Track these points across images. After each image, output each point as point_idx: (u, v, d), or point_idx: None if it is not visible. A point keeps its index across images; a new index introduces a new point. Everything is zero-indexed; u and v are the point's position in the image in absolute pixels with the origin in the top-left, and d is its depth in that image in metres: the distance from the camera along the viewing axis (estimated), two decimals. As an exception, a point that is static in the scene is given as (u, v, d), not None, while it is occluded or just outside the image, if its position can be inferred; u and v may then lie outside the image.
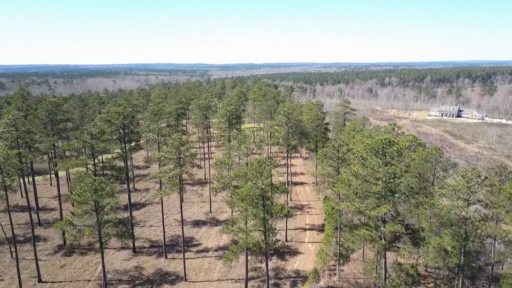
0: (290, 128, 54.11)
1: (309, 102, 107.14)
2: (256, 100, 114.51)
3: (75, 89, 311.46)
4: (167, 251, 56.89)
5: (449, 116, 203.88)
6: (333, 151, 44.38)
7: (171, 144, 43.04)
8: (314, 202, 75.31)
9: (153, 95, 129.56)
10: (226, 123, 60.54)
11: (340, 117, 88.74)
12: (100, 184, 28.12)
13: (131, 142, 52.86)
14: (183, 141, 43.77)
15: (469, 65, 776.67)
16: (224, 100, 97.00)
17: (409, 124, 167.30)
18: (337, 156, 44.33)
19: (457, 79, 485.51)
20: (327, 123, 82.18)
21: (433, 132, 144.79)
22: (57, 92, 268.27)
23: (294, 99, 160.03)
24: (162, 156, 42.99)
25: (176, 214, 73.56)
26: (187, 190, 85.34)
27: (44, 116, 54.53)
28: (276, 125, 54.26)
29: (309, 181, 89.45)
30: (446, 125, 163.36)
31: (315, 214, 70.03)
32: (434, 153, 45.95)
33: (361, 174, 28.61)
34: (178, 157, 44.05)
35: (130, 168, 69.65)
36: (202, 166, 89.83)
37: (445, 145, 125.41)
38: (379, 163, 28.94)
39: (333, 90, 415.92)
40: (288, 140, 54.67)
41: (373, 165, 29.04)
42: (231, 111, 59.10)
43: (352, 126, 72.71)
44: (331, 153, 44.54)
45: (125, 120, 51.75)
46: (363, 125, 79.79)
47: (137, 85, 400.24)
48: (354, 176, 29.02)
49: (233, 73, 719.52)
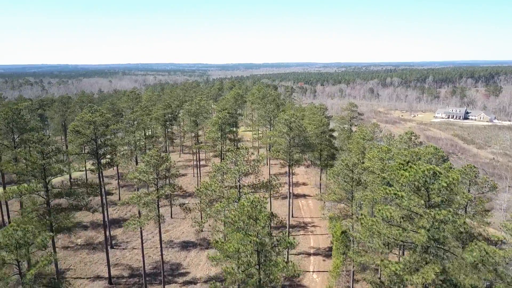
0: (292, 139, 46.06)
1: (311, 106, 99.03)
2: (254, 103, 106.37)
3: (69, 90, 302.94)
4: (148, 282, 48.73)
5: (456, 118, 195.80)
6: (346, 171, 36.22)
7: (147, 162, 34.86)
8: (319, 220, 67.15)
9: (145, 97, 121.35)
10: (218, 132, 52.25)
11: (346, 122, 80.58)
12: (26, 235, 20.03)
13: (105, 156, 44.64)
14: (162, 158, 35.56)
15: (469, 65, 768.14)
16: (219, 103, 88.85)
17: (415, 127, 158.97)
18: (351, 177, 36.22)
19: (459, 79, 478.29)
20: (332, 130, 74.00)
21: (442, 136, 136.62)
22: (50, 93, 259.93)
23: (295, 100, 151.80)
24: (135, 178, 34.80)
25: (164, 233, 65.61)
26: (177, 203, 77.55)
27: (3, 125, 46.29)
28: (276, 136, 46.28)
29: (312, 193, 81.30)
30: (454, 128, 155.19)
31: (320, 234, 61.87)
32: (469, 172, 37.86)
33: (396, 219, 20.42)
34: (155, 178, 35.86)
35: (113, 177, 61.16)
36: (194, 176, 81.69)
37: (456, 150, 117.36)
38: (421, 204, 20.85)
39: (334, 91, 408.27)
40: (290, 153, 46.63)
41: (412, 207, 20.89)
42: (223, 118, 51.03)
43: (361, 133, 64.55)
44: (343, 173, 36.37)
45: (97, 130, 43.52)
46: (372, 132, 71.71)
47: (134, 86, 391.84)
48: (386, 222, 20.83)
49: (233, 73, 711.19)
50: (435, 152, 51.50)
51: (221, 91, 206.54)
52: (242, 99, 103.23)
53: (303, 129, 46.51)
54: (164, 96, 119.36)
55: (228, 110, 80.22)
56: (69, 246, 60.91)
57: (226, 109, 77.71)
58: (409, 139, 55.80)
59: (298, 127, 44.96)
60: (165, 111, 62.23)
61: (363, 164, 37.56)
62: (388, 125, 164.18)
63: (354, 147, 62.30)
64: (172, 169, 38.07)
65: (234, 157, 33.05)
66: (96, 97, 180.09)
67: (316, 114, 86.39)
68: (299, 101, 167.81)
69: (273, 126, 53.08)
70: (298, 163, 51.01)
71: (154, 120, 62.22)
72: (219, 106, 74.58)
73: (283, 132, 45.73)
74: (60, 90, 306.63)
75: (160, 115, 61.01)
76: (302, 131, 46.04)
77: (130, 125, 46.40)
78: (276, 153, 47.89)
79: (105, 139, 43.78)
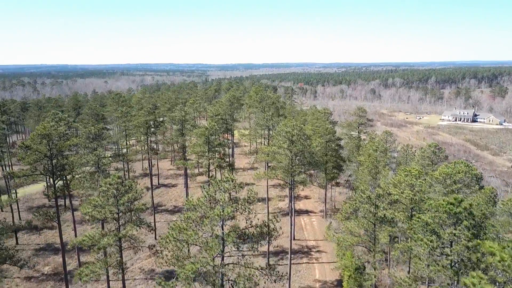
0: (294, 155, 37.36)
1: (314, 110, 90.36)
2: (251, 106, 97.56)
3: (62, 91, 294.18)
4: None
5: (464, 121, 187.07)
6: (368, 206, 27.42)
7: (103, 192, 26.09)
8: (325, 243, 58.36)
9: (134, 100, 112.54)
10: (205, 145, 43.27)
11: (354, 129, 71.82)
12: None
13: (61, 177, 35.84)
14: (126, 186, 26.81)
15: (470, 65, 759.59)
16: (212, 107, 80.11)
17: (423, 131, 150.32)
18: (374, 213, 27.45)
19: (462, 79, 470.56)
20: (339, 138, 65.27)
21: (453, 141, 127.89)
22: (41, 94, 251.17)
23: (296, 103, 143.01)
24: (88, 214, 26.03)
25: (145, 259, 57.00)
26: (146, 243, 69.03)
27: None
28: (275, 151, 37.55)
29: (316, 208, 72.62)
30: (465, 132, 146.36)
31: (326, 262, 53.06)
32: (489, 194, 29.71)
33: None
34: (116, 213, 27.09)
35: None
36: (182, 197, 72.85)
37: (470, 157, 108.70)
38: None
39: (335, 91, 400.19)
40: (292, 173, 37.96)
41: None
42: (211, 129, 42.09)
43: (373, 144, 55.83)
44: (364, 209, 27.61)
45: (52, 146, 34.72)
46: (385, 141, 63.06)
47: (130, 87, 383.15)
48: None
49: (232, 73, 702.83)
50: (467, 170, 42.47)
51: (218, 92, 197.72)
52: (239, 102, 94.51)
53: (308, 143, 37.77)
54: (152, 99, 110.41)
55: (222, 115, 71.55)
56: (33, 277, 52.18)
57: (219, 114, 69.04)
58: (433, 153, 47.08)
59: (302, 141, 36.29)
60: (148, 117, 53.50)
61: (390, 196, 28.77)
62: (393, 129, 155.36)
63: (366, 161, 53.63)
64: (139, 201, 29.27)
65: (216, 190, 24.38)
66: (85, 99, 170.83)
67: (319, 120, 77.84)
68: (300, 104, 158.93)
69: (272, 138, 44.50)
70: (303, 184, 42.14)
71: (135, 128, 53.55)
72: (212, 110, 65.75)
73: (283, 147, 37.05)
74: (53, 91, 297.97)
75: (141, 123, 52.36)
76: (306, 146, 37.33)
77: (90, 139, 37.21)
78: (273, 173, 39.07)
79: (61, 157, 35.04)
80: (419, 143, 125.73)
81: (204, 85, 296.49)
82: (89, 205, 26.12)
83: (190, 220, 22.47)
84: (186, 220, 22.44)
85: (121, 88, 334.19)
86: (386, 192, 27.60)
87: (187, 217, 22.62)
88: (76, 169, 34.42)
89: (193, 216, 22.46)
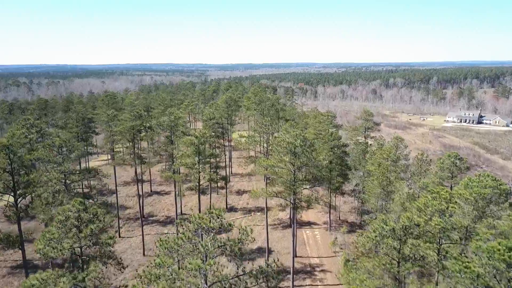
0: (298, 169, 31.99)
1: (316, 112, 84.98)
2: (249, 108, 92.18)
3: (58, 91, 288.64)
4: None
5: (469, 122, 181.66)
6: (391, 240, 21.79)
7: (60, 223, 20.69)
8: (330, 260, 52.98)
9: (127, 101, 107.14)
10: (195, 156, 37.80)
11: (361, 133, 66.46)
12: None
13: (24, 196, 30.42)
14: (88, 215, 21.39)
15: (470, 65, 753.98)
16: (207, 109, 74.70)
17: (429, 134, 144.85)
18: (398, 249, 21.90)
19: (464, 80, 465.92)
20: (345, 144, 59.85)
21: (461, 144, 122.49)
22: (36, 94, 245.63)
23: (296, 104, 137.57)
24: (40, 251, 20.62)
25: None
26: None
27: None
28: (275, 165, 32.08)
29: (319, 220, 67.26)
30: (472, 135, 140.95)
31: (332, 285, 47.66)
32: None
33: None
34: (79, 247, 21.68)
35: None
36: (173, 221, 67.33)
37: (480, 162, 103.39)
38: None
39: (335, 92, 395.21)
40: (295, 190, 32.53)
41: None
42: (202, 138, 36.51)
43: (384, 152, 50.45)
44: (386, 245, 21.96)
45: (13, 159, 29.32)
46: (396, 148, 57.59)
47: (127, 87, 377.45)
48: None
49: (232, 73, 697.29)
50: (495, 184, 36.89)
51: (217, 93, 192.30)
52: (236, 104, 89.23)
53: (313, 156, 32.33)
54: (147, 101, 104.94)
55: (218, 119, 66.16)
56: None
57: (214, 118, 63.65)
58: (453, 164, 41.63)
59: (306, 153, 30.91)
60: (134, 122, 47.93)
61: (418, 227, 23.24)
62: (398, 131, 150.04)
63: (376, 171, 48.24)
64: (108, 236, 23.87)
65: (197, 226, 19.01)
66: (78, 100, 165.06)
67: (322, 123, 72.49)
68: (301, 105, 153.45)
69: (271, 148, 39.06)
70: (308, 204, 36.41)
71: (120, 134, 48.08)
72: (207, 114, 60.27)
73: (284, 161, 31.69)
74: (49, 91, 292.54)
75: (126, 129, 46.75)
76: (312, 158, 31.92)
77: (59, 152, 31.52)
78: (273, 192, 33.59)
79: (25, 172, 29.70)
80: (426, 147, 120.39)
81: (202, 86, 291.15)
82: (43, 238, 20.80)
83: (165, 266, 17.05)
84: (159, 266, 17.01)
85: (119, 88, 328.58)
86: (411, 221, 22.16)
87: (160, 263, 17.19)
88: (38, 187, 29.05)
89: (167, 262, 17.05)
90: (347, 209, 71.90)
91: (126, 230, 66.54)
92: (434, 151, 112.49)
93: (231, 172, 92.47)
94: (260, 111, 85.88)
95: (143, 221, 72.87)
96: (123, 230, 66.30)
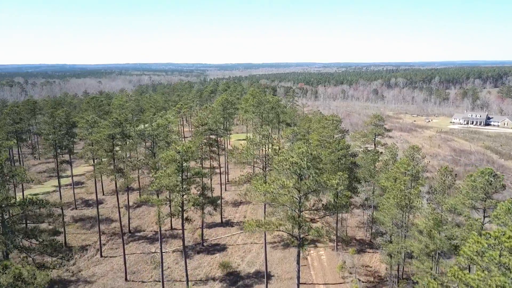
0: (304, 196, 25.15)
1: (320, 116, 78.26)
2: (248, 111, 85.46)
3: (53, 91, 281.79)
4: None
5: (476, 124, 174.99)
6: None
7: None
8: (338, 287, 46.24)
9: (116, 103, 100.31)
10: (177, 175, 30.71)
11: (370, 140, 59.75)
12: None
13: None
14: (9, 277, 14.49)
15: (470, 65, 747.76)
16: (201, 113, 67.89)
17: (436, 137, 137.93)
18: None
19: (466, 80, 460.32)
20: (355, 154, 53.12)
21: (472, 148, 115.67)
22: (29, 95, 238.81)
23: (297, 106, 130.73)
24: None
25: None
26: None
27: None
28: (276, 191, 25.39)
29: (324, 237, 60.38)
30: (481, 138, 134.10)
31: (342, 321, 40.95)
32: None
33: None
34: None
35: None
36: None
37: (494, 168, 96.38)
38: None
39: (336, 92, 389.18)
40: (300, 223, 25.60)
41: None
42: (185, 153, 29.58)
43: (402, 166, 43.76)
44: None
45: None
46: (411, 158, 50.84)
47: (128, 86, 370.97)
48: None
49: (231, 73, 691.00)
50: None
51: (214, 93, 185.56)
52: (233, 107, 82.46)
53: (325, 179, 25.29)
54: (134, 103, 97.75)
55: (211, 125, 59.31)
56: None
57: (206, 124, 56.85)
58: (488, 183, 34.86)
59: (315, 175, 24.18)
60: (113, 130, 41.03)
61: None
62: (403, 134, 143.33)
63: (393, 188, 41.51)
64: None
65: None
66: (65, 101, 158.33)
67: (327, 129, 65.79)
68: (302, 106, 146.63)
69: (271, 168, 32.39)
70: (319, 237, 29.20)
71: (96, 144, 41.22)
72: (198, 119, 53.32)
73: (288, 187, 24.88)
74: (43, 92, 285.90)
75: (103, 137, 39.87)
76: (323, 183, 24.96)
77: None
78: (273, 225, 26.63)
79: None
80: (435, 151, 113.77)
81: (200, 86, 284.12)
82: None
83: None
84: None
85: (116, 88, 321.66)
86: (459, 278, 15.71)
87: None
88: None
89: None
90: (354, 223, 65.18)
91: (110, 248, 59.75)
92: (444, 156, 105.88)
93: (227, 180, 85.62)
94: (259, 114, 79.16)
95: (130, 237, 66.22)
96: (106, 248, 59.57)
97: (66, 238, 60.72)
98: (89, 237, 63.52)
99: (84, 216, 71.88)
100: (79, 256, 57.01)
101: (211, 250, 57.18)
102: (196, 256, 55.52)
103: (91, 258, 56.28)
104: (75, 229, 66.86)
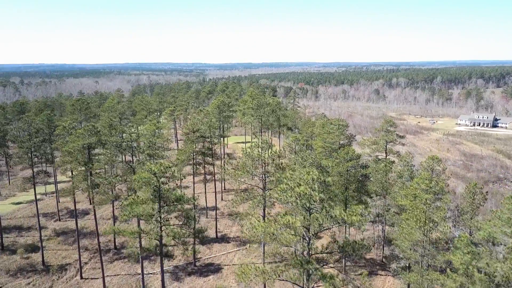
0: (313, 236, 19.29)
1: (324, 120, 72.37)
2: (246, 114, 79.49)
3: (48, 92, 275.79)
4: None
5: (483, 125, 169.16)
6: None
7: None
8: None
9: (107, 105, 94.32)
10: (154, 201, 24.71)
11: (381, 148, 53.80)
12: None
13: None
14: None
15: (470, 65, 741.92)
16: (193, 118, 61.93)
17: (444, 140, 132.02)
18: None
19: (469, 79, 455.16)
20: (366, 165, 47.21)
21: (483, 152, 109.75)
22: (22, 96, 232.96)
23: (299, 108, 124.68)
24: None
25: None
26: None
27: None
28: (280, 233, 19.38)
29: (330, 257, 54.51)
30: (491, 141, 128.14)
31: None
32: None
33: None
34: None
35: None
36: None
37: (508, 175, 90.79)
38: None
39: (337, 92, 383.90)
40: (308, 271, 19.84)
41: None
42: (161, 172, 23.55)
43: (423, 181, 37.82)
44: None
45: None
46: (431, 169, 45.03)
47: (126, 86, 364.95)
48: None
49: (231, 72, 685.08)
50: None
51: (212, 94, 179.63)
52: (230, 110, 76.57)
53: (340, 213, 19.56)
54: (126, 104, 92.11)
55: (203, 131, 53.32)
56: None
57: (198, 130, 50.86)
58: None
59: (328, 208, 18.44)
60: (88, 140, 35.16)
61: None
62: (409, 136, 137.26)
63: (413, 207, 35.63)
64: None
65: None
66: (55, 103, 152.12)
67: (332, 134, 59.96)
68: (303, 108, 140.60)
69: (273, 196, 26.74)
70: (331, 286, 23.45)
71: (68, 155, 35.43)
72: (189, 125, 47.29)
73: (295, 226, 18.89)
74: (38, 92, 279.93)
75: (76, 148, 34.10)
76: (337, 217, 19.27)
77: None
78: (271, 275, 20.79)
79: None
80: (444, 155, 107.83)
81: (199, 86, 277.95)
82: None
83: None
84: None
85: (113, 88, 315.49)
86: None
87: None
88: None
89: None
90: (362, 238, 59.20)
91: (92, 267, 53.69)
92: (454, 161, 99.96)
93: (224, 188, 79.65)
94: (259, 118, 73.22)
95: (115, 254, 60.01)
96: (88, 267, 53.59)
97: (45, 256, 54.81)
98: (70, 254, 57.50)
99: (68, 229, 65.84)
100: (57, 277, 51.17)
101: (204, 271, 51.23)
102: (187, 278, 49.53)
103: (69, 280, 50.33)
104: (56, 244, 60.83)
